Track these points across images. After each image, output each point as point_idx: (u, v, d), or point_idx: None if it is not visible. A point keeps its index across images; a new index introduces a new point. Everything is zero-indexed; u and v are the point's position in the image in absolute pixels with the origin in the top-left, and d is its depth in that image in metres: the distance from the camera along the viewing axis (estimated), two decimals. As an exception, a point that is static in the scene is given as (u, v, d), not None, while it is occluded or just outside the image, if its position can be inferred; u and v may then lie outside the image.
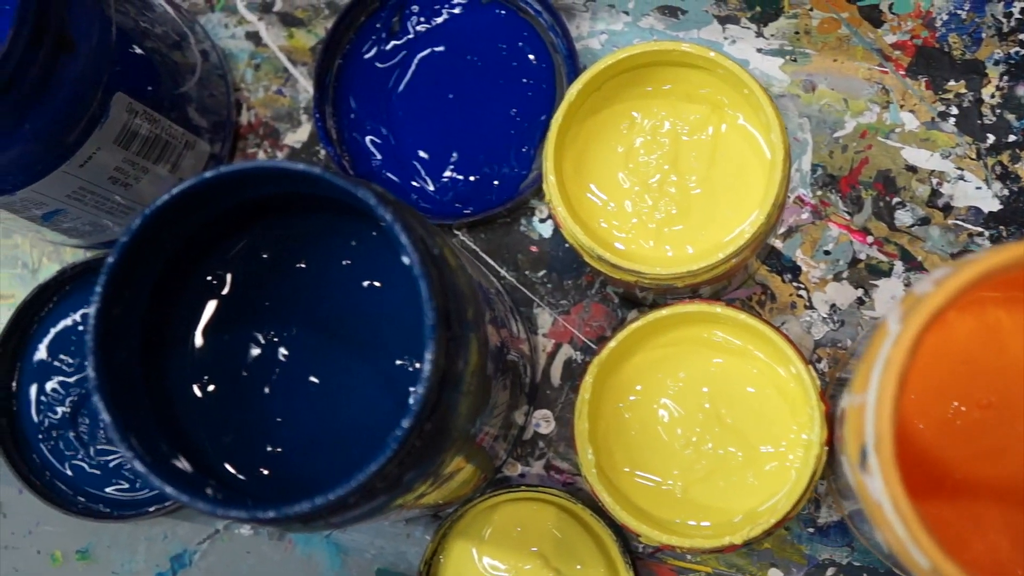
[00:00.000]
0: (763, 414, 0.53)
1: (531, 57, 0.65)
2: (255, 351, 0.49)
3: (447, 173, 0.64)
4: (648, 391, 0.54)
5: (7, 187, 0.53)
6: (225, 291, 0.49)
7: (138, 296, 0.45)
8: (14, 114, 0.48)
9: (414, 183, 0.65)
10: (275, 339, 0.49)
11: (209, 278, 0.49)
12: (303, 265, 0.49)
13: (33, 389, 0.66)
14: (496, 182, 0.64)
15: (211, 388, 0.48)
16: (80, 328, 0.66)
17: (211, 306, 0.49)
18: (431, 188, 0.64)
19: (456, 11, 0.66)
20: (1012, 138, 0.60)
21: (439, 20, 0.66)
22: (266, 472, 0.47)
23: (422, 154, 0.65)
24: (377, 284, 0.49)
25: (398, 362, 0.48)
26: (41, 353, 0.66)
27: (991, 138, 0.60)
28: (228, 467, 0.47)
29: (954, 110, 0.61)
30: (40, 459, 0.66)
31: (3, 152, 0.50)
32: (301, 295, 0.49)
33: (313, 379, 0.48)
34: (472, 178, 0.64)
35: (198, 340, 0.48)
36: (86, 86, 0.52)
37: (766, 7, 0.64)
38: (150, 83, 0.59)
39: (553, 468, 0.62)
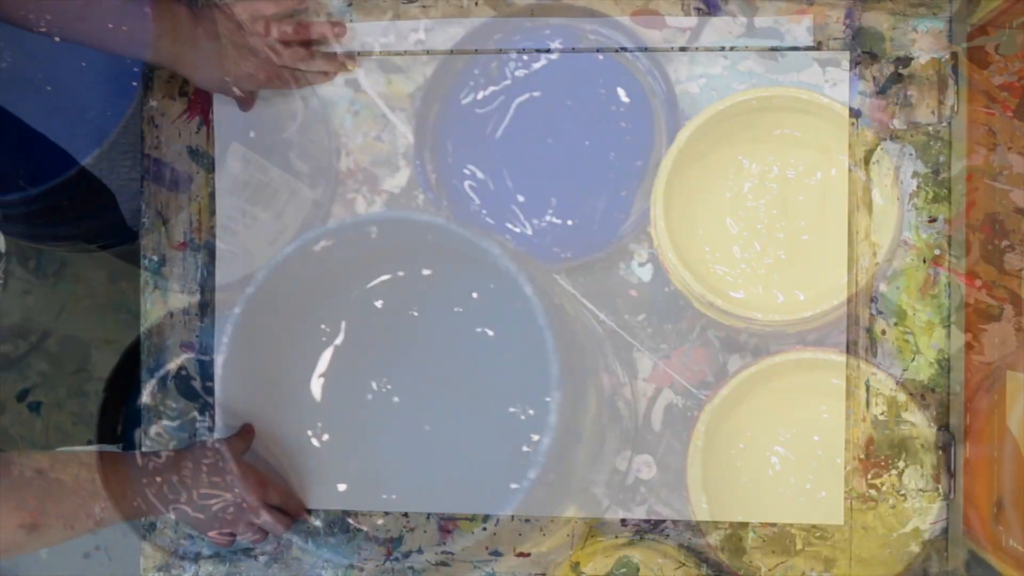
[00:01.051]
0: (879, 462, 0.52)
1: (628, 101, 0.64)
2: (369, 398, 0.49)
3: (546, 217, 0.64)
4: (759, 438, 0.54)
5: (126, 239, 0.54)
6: (339, 340, 0.49)
7: (259, 346, 0.46)
8: (140, 168, 0.49)
9: (513, 227, 0.64)
10: (388, 386, 0.49)
11: (324, 326, 0.49)
12: (415, 313, 0.49)
13: (137, 433, 0.67)
14: (594, 226, 0.64)
15: (326, 437, 0.49)
16: (183, 373, 0.67)
17: (327, 355, 0.49)
18: (529, 232, 0.64)
19: (553, 56, 0.66)
20: (1124, 179, 0.59)
21: (537, 65, 0.66)
22: (380, 522, 0.48)
23: (520, 198, 0.65)
24: (489, 332, 0.49)
25: (511, 409, 0.48)
26: (145, 397, 0.67)
27: (1102, 179, 0.59)
28: (345, 514, 0.47)
29: (1064, 151, 0.60)
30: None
31: (128, 203, 0.51)
32: (414, 342, 0.49)
33: (426, 426, 0.49)
34: (570, 222, 0.64)
35: (314, 389, 0.49)
36: (205, 138, 0.52)
37: (867, 49, 0.63)
38: (254, 129, 0.60)
39: (655, 513, 0.62)
